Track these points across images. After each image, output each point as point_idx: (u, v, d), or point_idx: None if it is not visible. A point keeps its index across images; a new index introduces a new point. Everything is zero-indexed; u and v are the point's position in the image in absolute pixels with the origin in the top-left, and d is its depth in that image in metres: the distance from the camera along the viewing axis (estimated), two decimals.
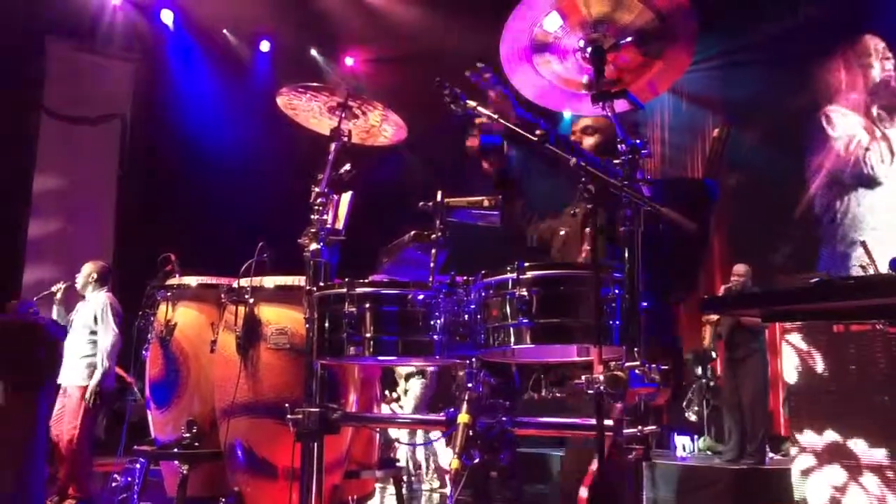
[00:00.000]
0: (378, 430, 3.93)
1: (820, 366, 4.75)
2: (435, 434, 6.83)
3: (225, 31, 11.17)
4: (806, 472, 4.86)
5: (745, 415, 7.62)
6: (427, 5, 10.36)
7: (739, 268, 7.83)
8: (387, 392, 7.95)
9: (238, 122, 10.63)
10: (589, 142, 2.91)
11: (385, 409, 7.32)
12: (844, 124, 9.47)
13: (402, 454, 7.66)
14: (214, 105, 10.77)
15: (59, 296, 6.55)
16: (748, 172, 9.47)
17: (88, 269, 6.31)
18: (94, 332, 6.05)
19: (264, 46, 11.51)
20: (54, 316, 6.52)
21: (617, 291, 2.18)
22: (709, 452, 8.39)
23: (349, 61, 11.93)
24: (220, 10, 10.61)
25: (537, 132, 2.50)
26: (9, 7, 9.15)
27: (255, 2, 10.12)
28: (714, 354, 8.46)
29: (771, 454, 7.97)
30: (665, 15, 2.27)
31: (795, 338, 4.88)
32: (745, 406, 7.61)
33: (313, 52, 11.68)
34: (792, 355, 4.90)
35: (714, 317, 8.30)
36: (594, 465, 2.51)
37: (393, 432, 5.92)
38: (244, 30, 11.18)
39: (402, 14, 10.68)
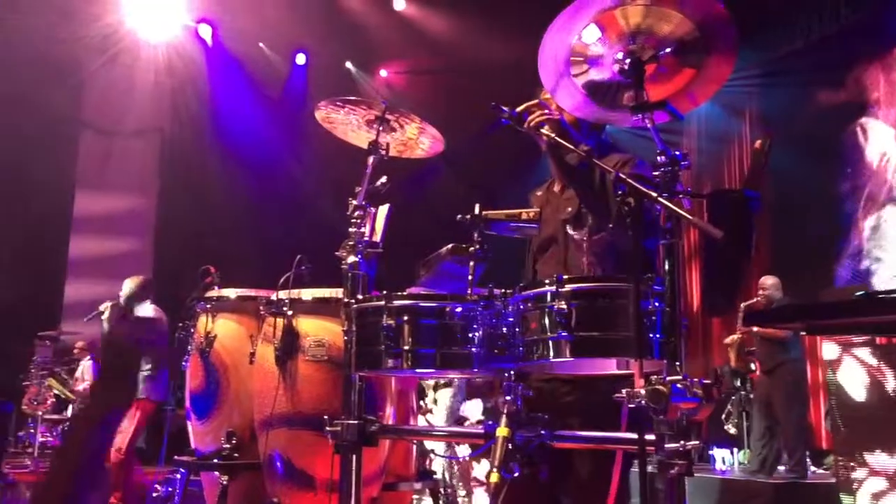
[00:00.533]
0: (415, 441, 3.92)
1: (892, 383, 4.54)
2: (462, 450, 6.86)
3: (261, 44, 11.30)
4: (877, 496, 4.64)
5: (777, 426, 7.55)
6: (461, 17, 10.40)
7: (765, 280, 7.77)
8: (422, 402, 7.94)
9: (275, 134, 10.75)
10: (569, 116, 2.81)
11: (420, 421, 7.32)
12: (878, 138, 9.31)
13: (437, 465, 7.64)
14: (252, 117, 10.90)
15: (105, 314, 6.65)
16: (780, 186, 9.36)
17: (129, 285, 6.42)
18: None
19: (300, 59, 11.62)
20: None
21: (657, 304, 2.16)
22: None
23: (383, 73, 12.01)
24: (256, 25, 10.75)
25: (583, 147, 2.51)
26: (47, 25, 9.36)
27: (290, 16, 10.23)
28: (753, 367, 8.37)
29: (813, 468, 7.84)
30: (704, 25, 2.25)
31: (863, 352, 4.68)
32: (777, 417, 7.54)
33: (348, 64, 11.77)
34: (859, 371, 4.69)
35: (735, 337, 8.29)
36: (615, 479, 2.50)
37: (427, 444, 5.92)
38: (280, 43, 11.30)
39: (436, 26, 10.73)
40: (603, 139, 3.01)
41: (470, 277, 2.50)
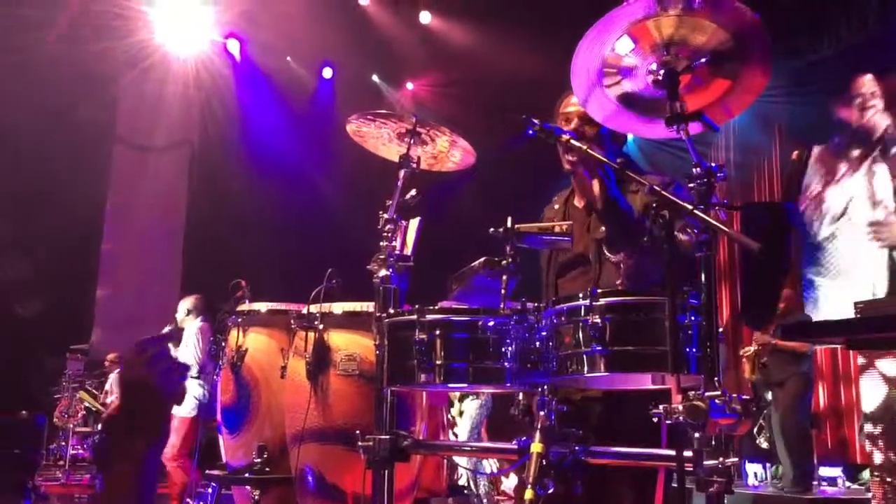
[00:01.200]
0: (446, 457, 3.90)
1: None
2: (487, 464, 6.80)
3: (288, 58, 11.38)
4: None
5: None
6: (487, 30, 10.40)
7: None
8: (450, 416, 7.91)
9: (303, 147, 10.80)
10: (591, 132, 2.79)
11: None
12: (812, 168, 9.41)
13: (464, 479, 7.59)
14: (279, 131, 10.97)
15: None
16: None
17: (185, 304, 6.52)
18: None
19: (327, 73, 11.69)
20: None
21: (693, 318, 2.13)
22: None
23: (409, 86, 12.04)
24: (283, 39, 10.84)
25: (618, 160, 2.49)
26: (80, 40, 9.50)
27: (317, 30, 10.30)
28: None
29: (848, 483, 7.72)
30: (739, 35, 2.22)
31: None
32: (785, 431, 7.51)
33: (375, 77, 11.82)
34: None
35: (751, 349, 8.23)
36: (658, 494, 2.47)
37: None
38: (307, 57, 11.37)
39: (462, 39, 10.75)
40: (624, 152, 2.99)
41: (502, 291, 2.48)
